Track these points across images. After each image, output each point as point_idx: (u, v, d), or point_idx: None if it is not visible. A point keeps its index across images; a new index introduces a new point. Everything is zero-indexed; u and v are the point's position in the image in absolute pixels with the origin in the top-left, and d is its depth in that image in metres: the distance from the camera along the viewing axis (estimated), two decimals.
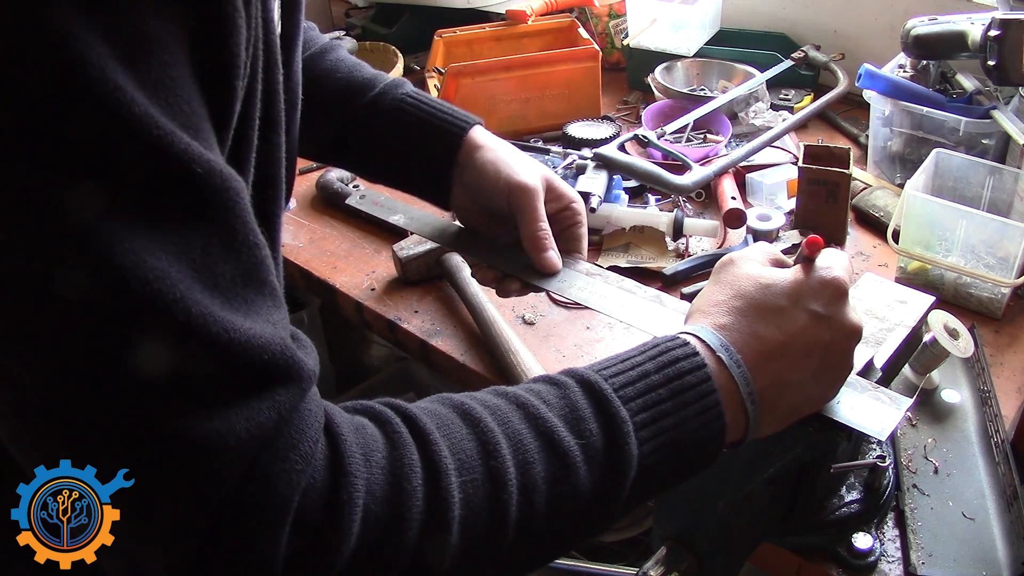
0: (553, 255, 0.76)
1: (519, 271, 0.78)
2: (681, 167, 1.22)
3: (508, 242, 0.80)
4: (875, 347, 0.73)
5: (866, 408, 0.63)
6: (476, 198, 0.81)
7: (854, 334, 0.61)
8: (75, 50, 0.37)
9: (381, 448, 0.48)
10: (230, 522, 0.42)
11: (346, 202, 0.97)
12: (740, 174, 1.26)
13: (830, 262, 0.62)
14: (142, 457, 0.40)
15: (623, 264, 1.13)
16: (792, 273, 0.62)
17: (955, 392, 0.91)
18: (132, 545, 0.43)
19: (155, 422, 0.40)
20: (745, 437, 0.59)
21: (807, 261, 0.62)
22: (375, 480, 0.47)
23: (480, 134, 0.82)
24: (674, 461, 0.55)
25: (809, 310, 0.60)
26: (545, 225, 0.76)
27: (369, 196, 0.95)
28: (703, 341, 0.58)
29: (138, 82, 0.39)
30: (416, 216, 0.88)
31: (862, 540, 0.75)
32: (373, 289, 1.13)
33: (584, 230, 0.81)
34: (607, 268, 1.10)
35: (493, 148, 0.80)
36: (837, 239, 1.16)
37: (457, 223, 0.86)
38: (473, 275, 0.86)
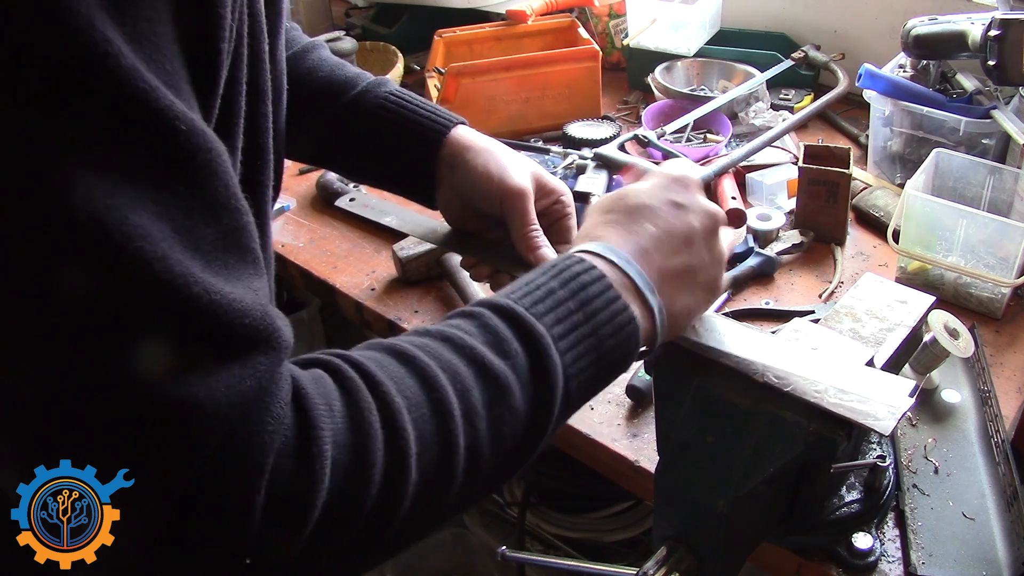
0: (546, 251, 0.77)
1: (512, 267, 0.79)
2: None
3: (499, 238, 0.81)
4: (875, 347, 0.73)
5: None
6: (466, 199, 0.81)
7: (715, 216, 0.66)
8: (63, 1, 0.36)
9: (337, 397, 0.49)
10: (204, 489, 0.42)
11: (336, 204, 0.97)
12: (740, 174, 1.26)
13: (673, 163, 0.70)
14: (118, 423, 0.40)
15: None
16: (647, 178, 0.67)
17: (955, 392, 0.91)
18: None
19: (130, 385, 0.40)
20: (657, 333, 0.61)
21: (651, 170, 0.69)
22: (338, 429, 0.47)
23: (466, 133, 0.81)
24: (597, 366, 0.58)
25: (669, 200, 0.64)
26: (536, 226, 0.77)
27: (360, 199, 0.95)
28: (592, 253, 0.61)
29: (124, 35, 0.38)
30: (408, 217, 0.89)
31: (862, 540, 0.75)
32: (373, 289, 1.13)
33: (573, 221, 0.82)
34: None
35: (482, 149, 0.80)
36: (837, 239, 1.16)
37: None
38: (466, 270, 0.86)
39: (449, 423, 0.51)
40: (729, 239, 0.69)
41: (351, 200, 0.95)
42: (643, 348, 0.61)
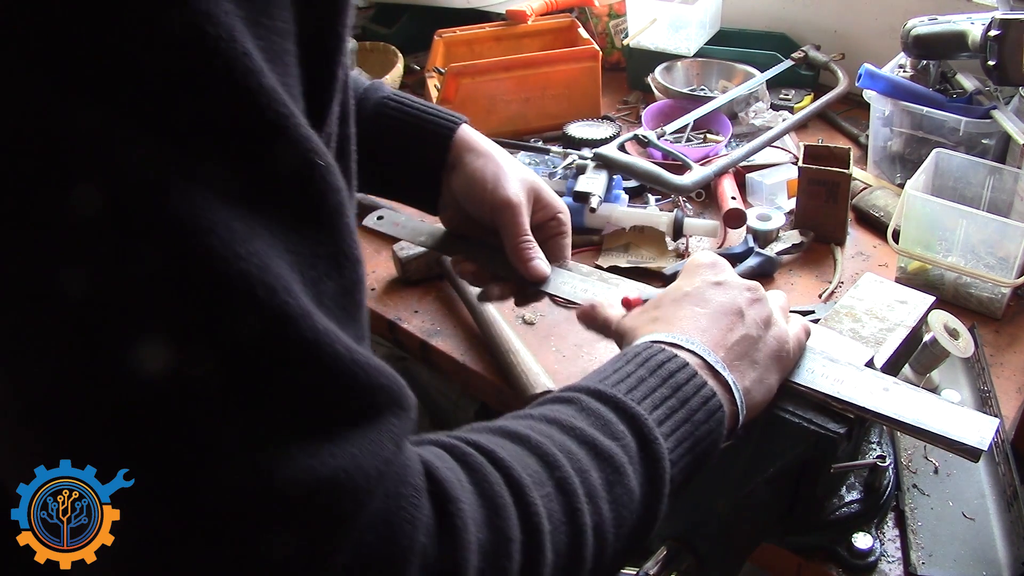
0: (538, 263, 0.76)
1: (509, 273, 0.78)
2: (681, 167, 1.21)
3: (497, 245, 0.79)
4: (875, 347, 0.73)
5: (958, 419, 0.62)
6: (461, 203, 0.79)
7: (755, 288, 0.67)
8: (199, 6, 0.31)
9: (461, 472, 0.45)
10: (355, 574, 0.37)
11: (363, 223, 0.94)
12: (740, 174, 1.26)
13: (697, 253, 0.73)
14: (258, 503, 0.35)
15: (623, 264, 1.13)
16: (677, 278, 0.69)
17: (955, 392, 0.91)
18: None
19: (276, 459, 0.35)
20: (738, 412, 0.60)
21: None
22: (471, 504, 0.43)
23: (469, 133, 0.79)
24: (693, 452, 0.56)
25: (708, 282, 0.66)
26: (528, 237, 0.76)
27: (388, 217, 0.91)
28: (663, 342, 0.60)
29: (261, 49, 0.33)
30: (406, 223, 0.87)
31: (862, 540, 0.75)
32: (373, 289, 1.13)
33: (568, 240, 0.81)
34: (607, 268, 1.11)
35: (483, 152, 0.78)
36: (837, 239, 1.16)
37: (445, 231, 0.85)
38: (461, 276, 0.84)
39: (575, 502, 0.48)
40: (779, 303, 0.69)
41: (379, 219, 0.90)
42: (728, 432, 0.60)
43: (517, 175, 0.78)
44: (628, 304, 0.71)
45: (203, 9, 0.31)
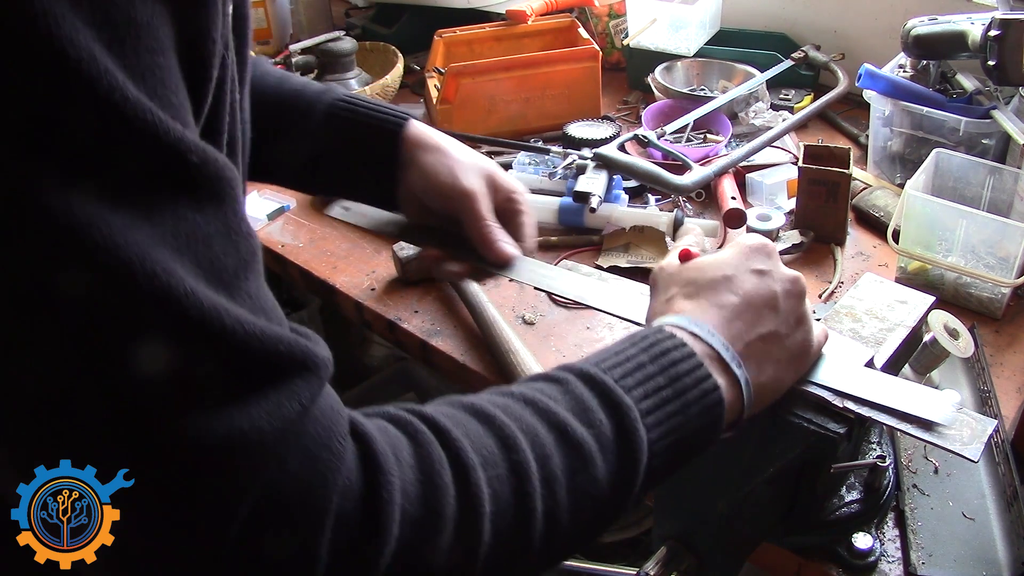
0: (502, 245, 0.76)
1: (479, 261, 0.79)
2: (681, 167, 1.22)
3: (463, 234, 0.80)
4: (875, 347, 0.73)
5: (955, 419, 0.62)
6: (421, 199, 0.80)
7: (796, 282, 0.65)
8: (60, 33, 0.35)
9: (406, 447, 0.47)
10: (265, 528, 0.40)
11: (328, 213, 0.94)
12: (740, 174, 1.26)
13: (749, 235, 0.69)
14: (163, 465, 0.39)
15: (623, 264, 1.13)
16: (724, 249, 0.67)
17: (955, 392, 0.91)
18: (151, 558, 0.41)
19: (171, 426, 0.38)
20: (743, 407, 0.60)
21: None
22: (407, 479, 0.45)
23: (419, 129, 0.80)
24: (682, 445, 0.56)
25: (752, 269, 0.64)
26: (491, 222, 0.77)
27: (354, 208, 0.92)
28: (679, 327, 0.60)
29: (126, 68, 0.38)
30: (370, 213, 0.88)
31: (862, 540, 0.75)
32: (373, 289, 1.13)
33: (528, 219, 0.81)
34: (607, 268, 1.11)
35: (434, 147, 0.79)
36: (837, 239, 1.16)
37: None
38: (439, 273, 0.84)
39: (527, 486, 0.49)
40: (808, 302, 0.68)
41: (345, 209, 0.92)
42: (729, 425, 0.60)
43: (472, 165, 0.78)
44: (686, 257, 0.69)
45: (64, 35, 0.35)
